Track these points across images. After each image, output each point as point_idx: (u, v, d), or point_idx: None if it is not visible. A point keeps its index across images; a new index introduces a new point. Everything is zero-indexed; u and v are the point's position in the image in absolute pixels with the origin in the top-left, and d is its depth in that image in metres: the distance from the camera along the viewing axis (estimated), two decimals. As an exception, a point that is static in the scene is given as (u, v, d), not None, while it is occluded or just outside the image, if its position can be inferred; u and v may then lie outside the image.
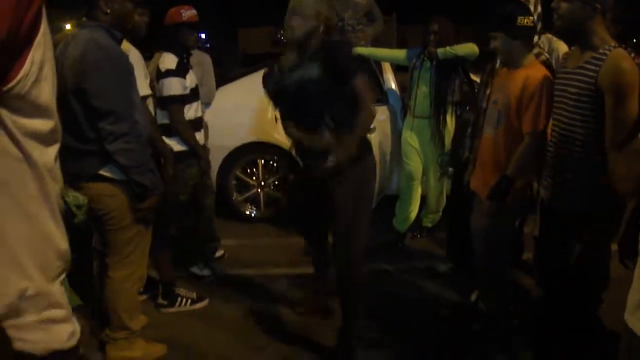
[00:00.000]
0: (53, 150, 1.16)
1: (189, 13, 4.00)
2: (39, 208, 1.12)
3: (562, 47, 4.03)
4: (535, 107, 2.88)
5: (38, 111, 1.08)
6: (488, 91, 3.67)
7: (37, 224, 1.12)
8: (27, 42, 1.02)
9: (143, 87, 3.42)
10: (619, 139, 2.39)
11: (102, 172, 2.85)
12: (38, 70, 1.05)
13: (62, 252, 1.20)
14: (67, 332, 1.21)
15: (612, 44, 2.50)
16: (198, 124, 4.07)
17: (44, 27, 1.06)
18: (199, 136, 4.05)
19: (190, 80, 3.97)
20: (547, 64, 3.56)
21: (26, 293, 1.10)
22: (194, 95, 3.99)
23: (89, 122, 2.77)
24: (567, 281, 2.76)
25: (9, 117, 1.03)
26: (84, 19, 2.89)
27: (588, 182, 2.59)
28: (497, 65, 3.58)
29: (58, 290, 1.20)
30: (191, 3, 4.13)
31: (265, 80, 3.27)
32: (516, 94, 2.96)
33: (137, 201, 2.94)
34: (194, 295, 4.01)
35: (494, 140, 3.14)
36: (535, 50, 3.57)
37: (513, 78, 3.03)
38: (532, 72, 2.98)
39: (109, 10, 2.77)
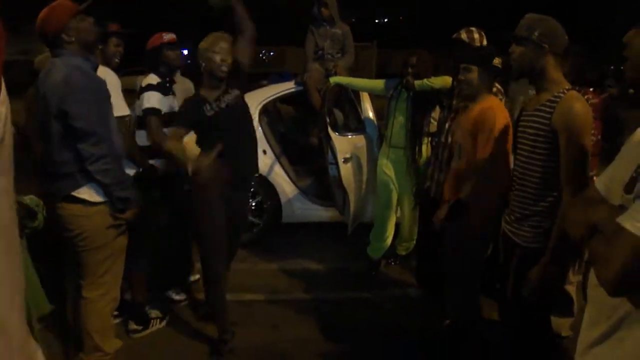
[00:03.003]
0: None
1: (168, 36, 4.13)
2: None
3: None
4: (486, 135, 3.14)
5: None
6: (447, 125, 3.88)
7: None
8: None
9: (122, 107, 3.53)
10: (573, 178, 2.53)
11: (75, 193, 2.92)
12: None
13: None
14: None
15: (567, 87, 2.64)
16: None
17: (4, 90, 1.09)
18: None
19: (170, 103, 4.03)
20: None
21: None
22: (171, 119, 4.00)
23: (67, 145, 2.85)
24: (521, 309, 2.86)
25: None
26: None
27: (545, 219, 2.71)
28: (454, 101, 3.94)
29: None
30: (175, 19, 4.28)
31: (190, 112, 3.54)
32: (470, 126, 3.23)
33: (117, 214, 3.03)
34: (162, 314, 4.11)
35: (457, 172, 3.37)
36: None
37: (469, 111, 3.31)
38: (485, 104, 3.26)
39: (73, 39, 2.88)
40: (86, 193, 2.93)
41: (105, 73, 3.35)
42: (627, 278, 1.41)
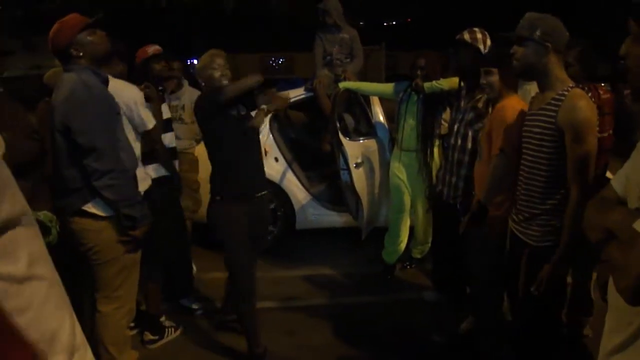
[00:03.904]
0: None
1: (153, 48, 4.32)
2: None
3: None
4: (496, 134, 3.10)
5: None
6: (456, 127, 3.85)
7: None
8: None
9: (149, 119, 3.58)
10: (580, 175, 2.52)
11: (85, 208, 2.92)
12: None
13: None
14: None
15: (570, 84, 2.61)
16: (171, 154, 4.15)
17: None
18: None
19: (165, 111, 4.10)
20: None
21: None
22: (167, 125, 4.10)
23: (74, 160, 2.85)
24: (532, 306, 2.85)
25: None
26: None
27: (554, 217, 2.69)
28: (462, 102, 3.95)
29: None
30: (181, 28, 4.38)
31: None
32: (488, 128, 3.23)
33: (127, 231, 2.99)
34: (177, 323, 4.14)
35: (478, 175, 3.34)
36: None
37: (492, 113, 3.28)
38: (500, 104, 3.19)
39: (81, 53, 2.88)
40: (95, 207, 2.93)
41: (125, 87, 3.42)
42: None
